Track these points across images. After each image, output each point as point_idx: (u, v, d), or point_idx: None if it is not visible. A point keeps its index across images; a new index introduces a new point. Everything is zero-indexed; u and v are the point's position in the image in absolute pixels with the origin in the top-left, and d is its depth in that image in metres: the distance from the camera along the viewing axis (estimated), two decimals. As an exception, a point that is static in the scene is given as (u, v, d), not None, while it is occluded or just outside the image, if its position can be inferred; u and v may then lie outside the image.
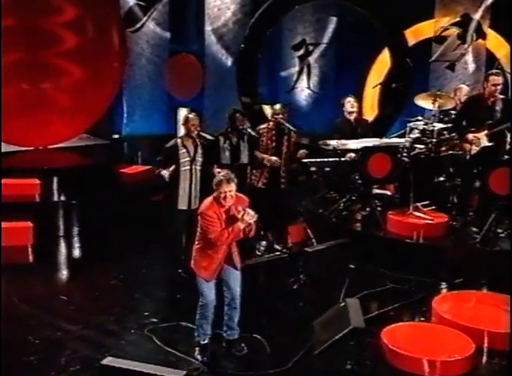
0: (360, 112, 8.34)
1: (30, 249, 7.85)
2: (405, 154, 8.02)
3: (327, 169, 7.82)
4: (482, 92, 7.57)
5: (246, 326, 5.68)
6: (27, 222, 7.97)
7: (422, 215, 7.59)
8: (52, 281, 6.98)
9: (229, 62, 11.63)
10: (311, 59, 12.12)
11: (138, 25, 11.71)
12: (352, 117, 8.18)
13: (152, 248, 7.74)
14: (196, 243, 5.29)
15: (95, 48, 10.02)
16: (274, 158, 7.44)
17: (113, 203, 8.53)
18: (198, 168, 6.79)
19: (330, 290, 6.73)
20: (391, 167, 7.69)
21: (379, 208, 8.09)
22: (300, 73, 12.21)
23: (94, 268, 7.36)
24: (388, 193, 8.66)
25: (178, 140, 6.81)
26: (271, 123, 7.57)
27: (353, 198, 8.18)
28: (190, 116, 6.82)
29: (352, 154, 7.89)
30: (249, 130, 7.35)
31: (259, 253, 7.54)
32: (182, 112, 12.14)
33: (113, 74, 10.46)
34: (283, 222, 7.88)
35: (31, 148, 9.92)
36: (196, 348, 5.31)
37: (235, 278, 5.30)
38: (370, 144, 7.79)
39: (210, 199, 5.15)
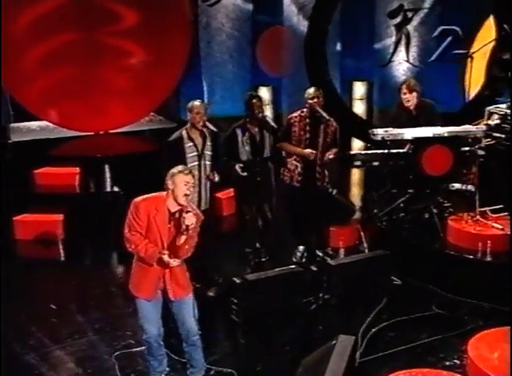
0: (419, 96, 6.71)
1: (60, 244, 7.49)
2: (481, 145, 6.55)
3: (375, 163, 6.54)
4: None
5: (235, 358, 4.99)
6: (58, 214, 7.58)
7: (490, 223, 6.14)
8: (56, 282, 6.49)
9: (311, 35, 10.41)
10: (410, 27, 10.59)
11: (216, -3, 10.86)
12: (411, 105, 6.65)
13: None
14: None
15: (159, 26, 9.30)
16: (307, 151, 6.27)
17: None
18: (207, 162, 5.87)
19: (358, 313, 5.61)
20: (453, 162, 6.29)
21: (449, 210, 6.72)
22: (397, 44, 10.71)
23: (107, 268, 6.84)
24: (471, 188, 7.13)
25: (183, 132, 5.90)
26: (305, 110, 6.39)
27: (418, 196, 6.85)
28: (195, 103, 5.84)
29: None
30: (267, 118, 6.28)
31: (295, 260, 6.59)
32: (263, 91, 11.26)
33: (180, 53, 9.68)
34: (328, 224, 6.80)
35: (90, 133, 9.51)
36: (149, 387, 4.55)
37: (185, 310, 4.35)
38: (429, 134, 6.39)
39: (156, 193, 4.26)
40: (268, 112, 11.29)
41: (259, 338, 5.27)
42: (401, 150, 6.56)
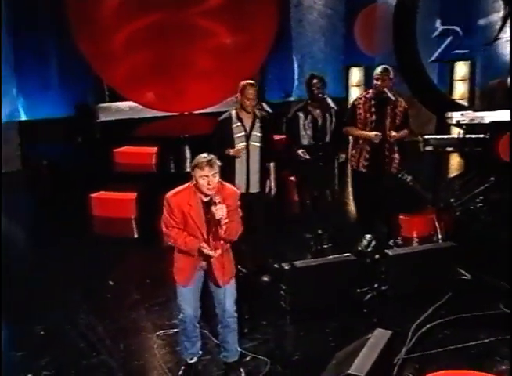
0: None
1: (133, 222, 7.62)
2: None
3: (449, 149, 6.08)
4: None
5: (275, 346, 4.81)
6: (132, 193, 7.71)
7: None
8: (122, 259, 6.59)
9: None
10: (520, 1, 9.79)
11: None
12: None
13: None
14: None
15: (246, 5, 9.22)
16: (372, 133, 5.94)
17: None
18: (256, 144, 5.63)
19: (416, 307, 5.25)
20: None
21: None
22: (505, 19, 9.93)
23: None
24: None
25: (233, 112, 5.68)
26: (370, 91, 6.08)
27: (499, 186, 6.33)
28: (248, 83, 5.62)
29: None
30: (329, 100, 5.96)
31: (360, 248, 6.30)
32: (355, 71, 10.87)
33: (266, 34, 9.55)
34: (399, 212, 6.44)
35: (174, 113, 9.59)
36: (182, 368, 4.48)
37: (224, 292, 4.23)
38: (509, 118, 5.85)
39: (186, 185, 4.08)
40: (358, 93, 10.92)
41: (304, 326, 5.05)
42: (479, 136, 6.07)
